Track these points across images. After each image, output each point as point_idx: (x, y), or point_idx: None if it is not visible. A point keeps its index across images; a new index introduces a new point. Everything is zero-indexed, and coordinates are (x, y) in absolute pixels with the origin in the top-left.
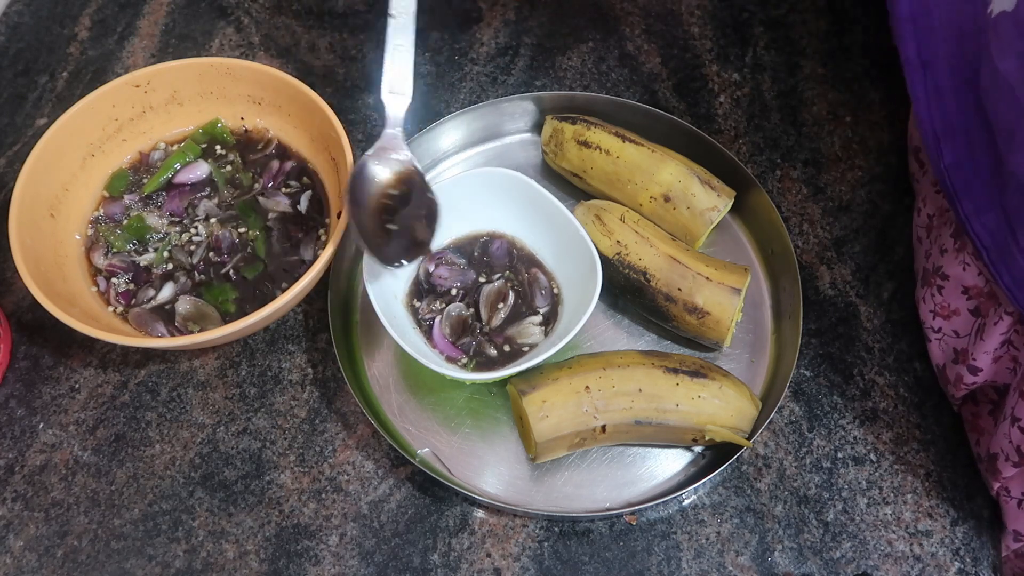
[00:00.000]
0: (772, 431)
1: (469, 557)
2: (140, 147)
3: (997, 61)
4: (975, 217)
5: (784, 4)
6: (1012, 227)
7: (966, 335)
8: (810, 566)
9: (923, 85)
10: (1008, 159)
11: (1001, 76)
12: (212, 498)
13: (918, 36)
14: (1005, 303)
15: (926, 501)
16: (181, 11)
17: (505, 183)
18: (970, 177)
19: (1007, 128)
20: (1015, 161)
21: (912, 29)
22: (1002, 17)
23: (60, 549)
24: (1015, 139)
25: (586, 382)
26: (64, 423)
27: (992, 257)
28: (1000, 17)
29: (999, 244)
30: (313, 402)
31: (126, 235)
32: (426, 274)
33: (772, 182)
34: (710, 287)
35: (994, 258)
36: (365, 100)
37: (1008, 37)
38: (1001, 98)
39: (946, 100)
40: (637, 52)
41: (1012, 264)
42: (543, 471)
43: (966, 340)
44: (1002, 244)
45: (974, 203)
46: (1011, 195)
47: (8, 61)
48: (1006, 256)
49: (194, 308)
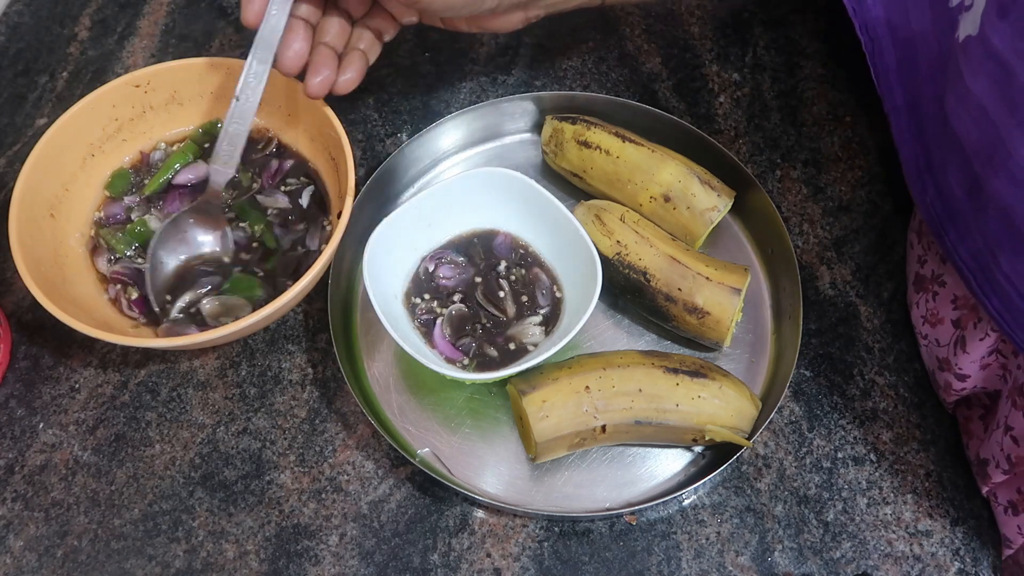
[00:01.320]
0: (772, 431)
1: (469, 557)
2: (140, 147)
3: (969, 83)
4: (960, 245)
5: (784, 4)
6: (993, 252)
7: (946, 344)
8: (810, 566)
9: (908, 128)
10: (988, 183)
11: (973, 96)
12: (212, 498)
13: (904, 82)
14: (991, 323)
15: (926, 501)
16: (181, 11)
17: (505, 183)
18: (952, 206)
19: (983, 151)
20: (995, 185)
21: (898, 77)
22: (968, 41)
23: (60, 549)
24: (993, 162)
25: (586, 382)
26: (64, 423)
27: (979, 282)
28: (967, 41)
29: (984, 269)
30: (313, 402)
31: (128, 239)
32: (427, 273)
33: (772, 182)
34: (710, 287)
35: (981, 283)
36: (365, 100)
37: (977, 59)
38: (972, 120)
39: (928, 135)
40: (637, 52)
41: (998, 289)
42: (543, 471)
43: (946, 350)
44: (986, 270)
45: (958, 231)
46: (991, 220)
47: (8, 61)
48: (991, 282)
49: (220, 305)
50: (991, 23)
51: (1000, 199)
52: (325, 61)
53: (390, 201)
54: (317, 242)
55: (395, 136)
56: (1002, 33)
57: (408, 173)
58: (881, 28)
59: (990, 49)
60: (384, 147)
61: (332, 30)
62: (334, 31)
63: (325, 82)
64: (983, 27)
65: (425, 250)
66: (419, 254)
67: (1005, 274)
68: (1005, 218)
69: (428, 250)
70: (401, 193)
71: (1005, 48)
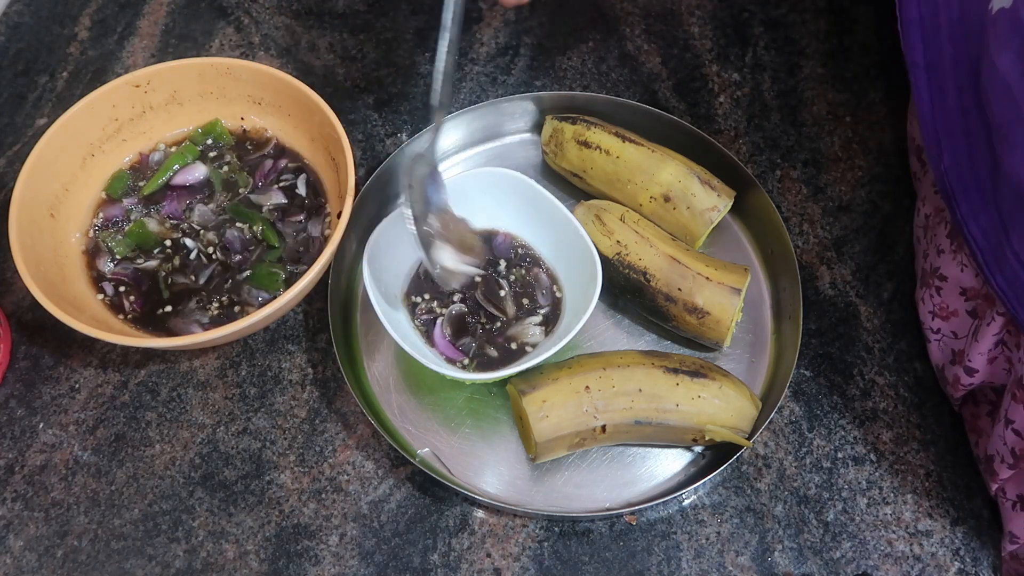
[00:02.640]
0: (772, 431)
1: (469, 557)
2: (140, 148)
3: (995, 57)
4: (971, 218)
5: (784, 4)
6: (1006, 228)
7: (963, 336)
8: (810, 566)
9: (928, 88)
10: (1004, 160)
11: (999, 73)
12: (212, 498)
13: (925, 39)
14: (998, 304)
15: (926, 501)
16: (181, 11)
17: (505, 183)
18: (968, 178)
19: (1003, 128)
20: (1011, 162)
21: (920, 32)
22: (1001, 14)
23: (60, 549)
24: (1009, 139)
25: (586, 382)
26: (64, 423)
27: (986, 258)
28: (999, 14)
29: (993, 245)
30: (313, 402)
31: (128, 241)
32: (427, 273)
33: (772, 182)
34: (710, 287)
35: (988, 259)
36: (365, 100)
37: (1005, 34)
38: (998, 96)
39: (948, 101)
40: (637, 52)
41: (1005, 266)
42: (543, 471)
43: (963, 342)
44: (996, 246)
45: (971, 204)
46: (1006, 196)
47: (8, 61)
48: (1000, 258)
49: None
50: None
51: (1016, 176)
52: None
53: (390, 201)
54: (320, 229)
55: (395, 136)
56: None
57: None
58: None
59: (1018, 23)
60: (384, 147)
61: None
62: None
63: None
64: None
65: None
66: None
67: (1015, 251)
68: (1020, 196)
69: None
70: (401, 193)
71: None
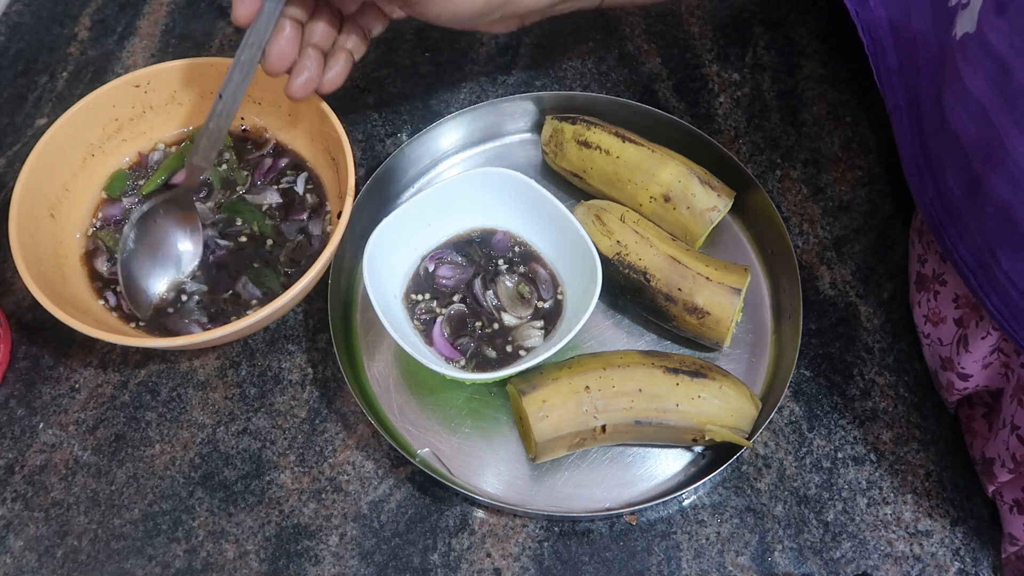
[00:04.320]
0: (772, 431)
1: (469, 557)
2: (140, 148)
3: (967, 80)
4: (959, 243)
5: (784, 4)
6: (993, 250)
7: (948, 344)
8: (810, 566)
9: (909, 127)
10: (986, 181)
11: (971, 94)
12: (212, 498)
13: (905, 82)
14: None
15: (926, 501)
16: (181, 11)
17: (505, 183)
18: (951, 204)
19: (981, 149)
20: (993, 184)
21: (899, 78)
22: (967, 39)
23: (60, 549)
24: (991, 160)
25: (586, 382)
26: (64, 423)
27: (978, 281)
28: (965, 39)
29: (983, 267)
30: (313, 402)
31: None
32: (426, 273)
33: (772, 182)
34: (710, 287)
35: (980, 282)
36: (365, 100)
37: (975, 57)
38: (970, 118)
39: (927, 134)
40: (637, 52)
41: (997, 287)
42: (543, 471)
43: (949, 349)
44: (986, 268)
45: (956, 229)
46: (990, 218)
47: (8, 61)
48: (991, 280)
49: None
50: (988, 20)
51: (998, 197)
52: (309, 62)
53: (390, 201)
54: (320, 227)
55: (395, 136)
56: (999, 30)
57: (408, 173)
58: (883, 29)
59: (987, 46)
60: (384, 147)
61: (320, 30)
62: (321, 31)
63: (308, 83)
64: (980, 24)
65: (425, 250)
66: (419, 254)
67: (1004, 272)
68: (1004, 215)
69: (428, 250)
70: (401, 193)
71: (1002, 45)
